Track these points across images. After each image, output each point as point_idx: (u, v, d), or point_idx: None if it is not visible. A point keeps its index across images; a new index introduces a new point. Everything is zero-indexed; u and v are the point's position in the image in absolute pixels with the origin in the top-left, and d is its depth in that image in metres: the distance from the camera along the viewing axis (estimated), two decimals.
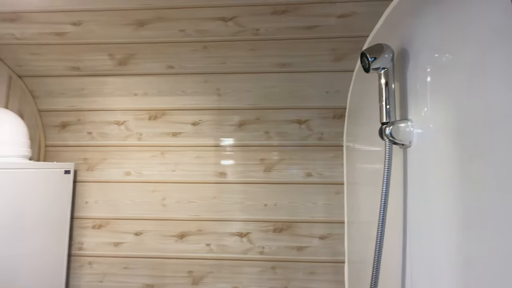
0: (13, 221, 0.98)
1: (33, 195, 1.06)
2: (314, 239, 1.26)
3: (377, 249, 0.76)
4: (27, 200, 1.04)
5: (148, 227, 1.31)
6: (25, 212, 1.03)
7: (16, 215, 0.99)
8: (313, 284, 1.25)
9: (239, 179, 1.30)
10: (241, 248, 1.28)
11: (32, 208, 1.06)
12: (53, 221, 1.16)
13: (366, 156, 1.04)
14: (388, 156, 0.71)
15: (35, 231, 1.08)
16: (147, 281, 1.28)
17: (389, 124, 0.70)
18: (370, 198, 1.02)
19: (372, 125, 0.97)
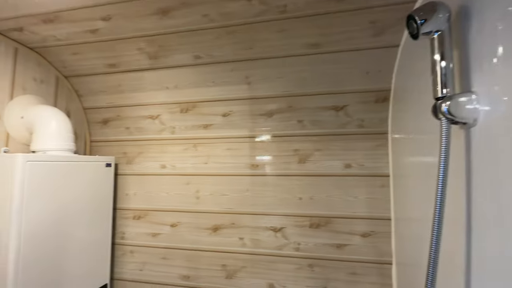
0: (61, 209, 1.05)
1: (78, 186, 1.13)
2: (355, 236, 1.15)
3: (432, 251, 0.64)
4: (73, 190, 1.11)
5: (183, 219, 1.32)
6: (72, 201, 1.10)
7: (64, 204, 1.06)
8: (355, 285, 1.14)
9: (271, 171, 1.24)
10: (276, 244, 1.22)
11: (78, 198, 1.13)
12: (97, 210, 1.23)
13: (417, 143, 0.90)
14: (445, 139, 0.59)
15: (82, 219, 1.15)
16: (184, 272, 1.30)
17: (445, 99, 0.57)
18: (423, 191, 0.88)
19: (424, 107, 0.83)
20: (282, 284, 1.20)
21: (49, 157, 1.02)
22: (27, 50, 1.15)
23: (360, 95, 1.14)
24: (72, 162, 1.11)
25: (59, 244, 1.05)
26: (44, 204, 0.99)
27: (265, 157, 1.25)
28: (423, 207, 0.88)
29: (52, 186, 1.02)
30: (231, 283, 1.25)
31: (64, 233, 1.07)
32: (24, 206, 0.92)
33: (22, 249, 0.92)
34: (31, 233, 0.94)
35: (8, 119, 1.08)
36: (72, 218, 1.11)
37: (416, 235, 0.94)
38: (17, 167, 0.91)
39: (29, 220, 0.94)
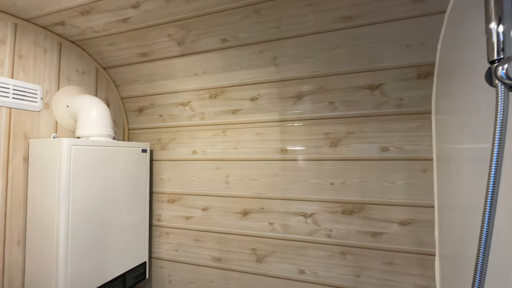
0: (103, 190, 1.14)
1: (117, 169, 1.21)
2: (393, 224, 1.07)
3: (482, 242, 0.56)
4: (113, 173, 1.19)
5: (214, 203, 1.35)
6: (112, 183, 1.18)
7: (105, 185, 1.15)
8: (392, 276, 1.07)
9: (301, 156, 1.20)
10: (306, 230, 1.19)
11: (118, 181, 1.21)
12: (135, 193, 1.31)
13: (467, 123, 0.79)
14: (502, 110, 0.50)
15: (122, 200, 1.23)
16: (215, 254, 1.33)
17: (503, 61, 0.49)
18: (473, 176, 0.78)
19: (475, 80, 0.72)
20: (312, 271, 1.17)
21: (91, 142, 1.10)
22: (69, 43, 1.24)
23: (399, 72, 1.04)
24: (111, 147, 1.18)
25: (102, 223, 1.14)
26: (88, 185, 1.07)
27: (295, 141, 1.21)
28: (472, 193, 0.79)
29: (95, 169, 1.10)
30: (261, 267, 1.25)
31: (106, 213, 1.16)
32: (71, 186, 1.01)
33: (70, 226, 1.01)
34: (77, 211, 1.03)
35: (56, 108, 1.18)
36: (113, 199, 1.19)
37: (464, 224, 0.84)
38: (63, 151, 1.00)
39: (75, 199, 1.02)
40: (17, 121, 1.03)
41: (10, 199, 1.01)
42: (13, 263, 1.01)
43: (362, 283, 1.10)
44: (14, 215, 1.02)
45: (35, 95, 1.09)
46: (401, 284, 1.06)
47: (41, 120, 1.12)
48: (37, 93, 1.10)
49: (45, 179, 1.02)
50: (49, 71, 1.15)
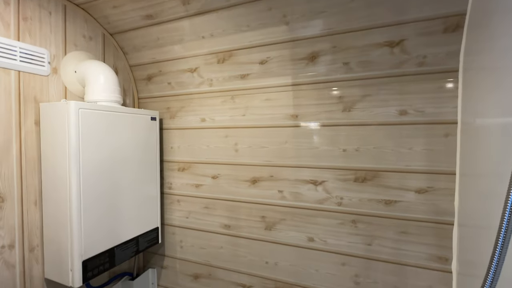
0: (113, 154, 1.15)
1: (127, 135, 1.21)
2: (409, 192, 1.01)
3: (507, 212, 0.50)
4: (123, 139, 1.19)
5: (223, 171, 1.33)
6: (122, 148, 1.19)
7: (115, 149, 1.15)
8: (406, 245, 1.03)
9: (312, 122, 1.14)
10: (316, 198, 1.15)
11: (128, 146, 1.21)
12: (145, 160, 1.32)
13: (500, 82, 0.70)
14: None
15: (132, 166, 1.24)
16: (225, 221, 1.34)
17: None
18: (502, 141, 0.70)
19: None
20: (322, 239, 1.15)
21: (99, 106, 1.09)
22: (74, 6, 1.21)
23: (423, 25, 0.94)
24: (119, 113, 1.18)
25: (113, 187, 1.16)
26: (98, 149, 1.08)
27: (306, 106, 1.15)
28: (499, 160, 0.71)
29: (104, 134, 1.11)
30: (270, 234, 1.25)
31: (117, 178, 1.18)
32: (81, 149, 1.02)
33: (82, 187, 1.03)
34: (88, 174, 1.05)
35: (64, 73, 1.17)
36: (123, 165, 1.20)
37: (488, 192, 0.77)
38: (71, 114, 1.00)
39: (86, 162, 1.04)
40: (27, 84, 1.04)
41: (25, 161, 1.04)
42: (31, 222, 1.05)
43: (373, 252, 1.07)
44: (30, 176, 1.05)
45: (42, 59, 1.08)
46: (414, 254, 1.02)
47: (50, 85, 1.12)
48: (44, 57, 1.09)
49: (56, 141, 1.03)
50: (55, 35, 1.13)
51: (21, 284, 1.02)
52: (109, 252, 1.14)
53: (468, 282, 0.88)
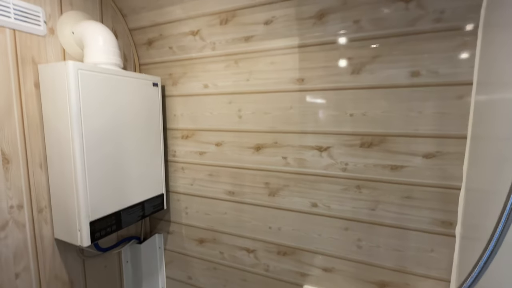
0: (115, 120, 1.13)
1: (129, 101, 1.19)
2: (416, 157, 0.99)
3: None
4: (125, 104, 1.17)
5: (227, 139, 1.32)
6: (124, 114, 1.17)
7: (117, 115, 1.14)
8: (410, 210, 1.02)
9: (318, 85, 1.10)
10: (321, 164, 1.14)
11: (130, 112, 1.20)
12: (148, 128, 1.31)
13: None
14: None
15: (135, 133, 1.23)
16: (229, 188, 1.35)
17: None
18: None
19: None
20: (326, 204, 1.15)
21: (98, 68, 1.06)
22: None
23: None
24: (120, 77, 1.15)
25: (117, 151, 1.15)
26: (100, 112, 1.07)
27: (311, 70, 1.10)
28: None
29: (105, 97, 1.09)
30: (274, 200, 1.25)
31: (120, 143, 1.17)
32: (82, 112, 1.00)
33: (85, 150, 1.03)
34: (90, 136, 1.04)
35: (61, 34, 1.13)
36: (127, 131, 1.19)
37: (499, 157, 0.75)
38: (70, 75, 0.97)
39: (88, 125, 1.02)
40: (23, 44, 1.00)
41: (27, 124, 1.03)
42: (38, 184, 1.07)
43: (376, 217, 1.07)
44: (33, 139, 1.05)
45: (37, 17, 1.04)
46: (418, 218, 1.01)
47: (47, 46, 1.08)
48: (40, 15, 1.04)
49: (57, 104, 1.02)
50: None
51: (32, 244, 1.05)
52: (116, 215, 1.16)
53: (471, 245, 0.88)
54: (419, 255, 1.03)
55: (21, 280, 1.02)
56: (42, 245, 1.09)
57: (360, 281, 1.14)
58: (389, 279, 1.09)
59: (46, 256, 1.10)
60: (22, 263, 1.02)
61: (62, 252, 1.16)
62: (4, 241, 0.97)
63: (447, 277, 1.00)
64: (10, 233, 0.99)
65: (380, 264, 1.09)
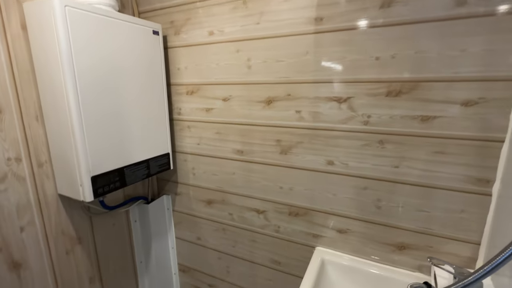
0: (112, 71, 1.03)
1: (126, 48, 1.07)
2: (453, 106, 0.85)
3: None
4: (122, 52, 1.06)
5: (235, 92, 1.20)
6: (122, 65, 1.07)
7: (114, 66, 1.04)
8: (439, 167, 0.91)
9: (339, 25, 0.95)
10: (339, 117, 1.02)
11: (128, 61, 1.09)
12: (150, 82, 1.20)
13: None
14: None
15: (135, 85, 1.14)
16: (237, 147, 1.26)
17: None
18: None
19: None
20: (343, 162, 1.05)
21: (88, 6, 0.94)
22: None
23: None
24: (115, 20, 1.02)
25: (116, 106, 1.07)
26: (94, 59, 0.97)
27: (331, 6, 0.94)
28: None
29: (100, 41, 0.98)
30: (286, 159, 1.16)
31: (120, 98, 1.08)
32: (74, 56, 0.90)
33: (81, 101, 0.94)
34: (87, 88, 0.95)
35: None
36: (126, 84, 1.10)
37: None
38: (56, 12, 0.85)
39: (81, 72, 0.93)
40: None
41: (17, 71, 0.94)
42: (36, 137, 1.01)
43: (399, 175, 0.97)
44: (26, 88, 0.97)
45: None
46: (449, 176, 0.90)
47: None
48: None
49: (45, 47, 0.92)
50: None
51: (35, 198, 1.02)
52: (119, 172, 1.10)
53: (509, 205, 0.77)
54: (446, 216, 0.93)
55: (26, 233, 1.00)
56: (46, 200, 1.05)
57: (377, 243, 1.07)
58: (410, 241, 1.01)
59: (51, 211, 1.07)
60: (26, 217, 1.00)
61: (68, 209, 1.13)
62: (5, 193, 0.94)
63: (477, 239, 0.90)
64: (10, 186, 0.95)
65: (401, 225, 1.01)
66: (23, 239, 0.99)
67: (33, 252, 1.03)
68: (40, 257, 1.05)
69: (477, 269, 0.60)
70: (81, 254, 1.20)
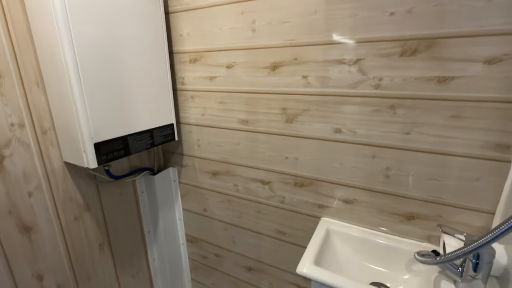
0: (112, 36, 1.00)
1: (123, 13, 1.03)
2: (474, 64, 0.78)
3: None
4: (122, 17, 1.02)
5: (239, 59, 1.15)
6: (119, 29, 1.02)
7: (112, 31, 1.00)
8: (455, 132, 0.85)
9: None
10: (348, 81, 0.96)
11: (126, 27, 1.05)
12: (152, 50, 1.16)
13: None
14: None
15: (136, 54, 1.10)
16: (242, 116, 1.23)
17: None
18: None
19: None
20: (351, 129, 1.00)
21: None
22: None
23: None
24: None
25: (117, 74, 1.04)
26: (90, 22, 0.93)
27: None
28: None
29: (96, 4, 0.93)
30: (291, 128, 1.12)
31: (121, 63, 1.05)
32: (69, 17, 0.87)
33: (80, 67, 0.92)
34: (85, 54, 0.92)
35: None
36: (126, 50, 1.06)
37: None
38: None
39: (78, 35, 0.90)
40: None
41: (14, 35, 0.92)
42: (38, 104, 1.00)
43: (410, 142, 0.92)
44: (24, 53, 0.95)
45: None
46: (465, 142, 0.84)
47: None
48: None
49: (42, 10, 0.88)
50: None
51: (40, 165, 1.03)
52: (122, 140, 1.09)
53: None
54: (459, 185, 0.88)
55: (34, 198, 1.02)
56: (52, 167, 1.06)
57: (384, 213, 1.04)
58: (419, 210, 0.97)
59: (58, 178, 1.09)
60: (33, 183, 1.01)
61: (74, 176, 1.14)
62: (10, 159, 0.95)
63: (491, 209, 0.86)
64: (16, 152, 0.96)
65: (410, 194, 0.97)
66: (31, 204, 1.02)
67: (43, 217, 1.05)
68: (49, 222, 1.08)
69: (488, 232, 0.56)
70: (89, 221, 1.22)
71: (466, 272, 0.76)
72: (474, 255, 0.74)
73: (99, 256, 1.29)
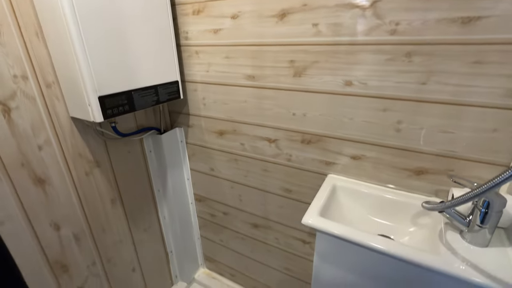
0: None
1: None
2: (504, 1, 0.70)
3: None
4: None
5: (244, 8, 1.08)
6: None
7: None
8: (475, 80, 0.79)
9: None
10: (362, 27, 0.89)
11: None
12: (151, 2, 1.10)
13: None
14: None
15: (135, 7, 1.04)
16: (248, 72, 1.18)
17: None
18: None
19: None
20: (362, 81, 0.96)
21: None
22: None
23: None
24: None
25: (118, 26, 0.99)
26: None
27: None
28: None
29: None
30: (299, 82, 1.08)
31: (119, 9, 1.00)
32: None
33: (80, 19, 0.87)
34: (83, 4, 0.87)
35: None
36: (125, 4, 1.00)
37: None
38: None
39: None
40: None
41: None
42: (39, 56, 0.98)
43: (426, 92, 0.87)
44: (21, 4, 0.91)
45: None
46: (484, 90, 0.79)
47: None
48: None
49: None
50: None
51: (47, 119, 1.03)
52: (127, 94, 1.08)
53: None
54: (474, 136, 0.85)
55: (45, 152, 1.04)
56: (59, 122, 1.07)
57: (392, 168, 1.02)
58: (429, 165, 0.95)
59: (66, 133, 1.10)
60: (42, 136, 1.03)
61: (82, 132, 1.15)
62: (17, 111, 0.95)
63: (507, 161, 0.83)
64: (22, 104, 0.96)
65: (420, 149, 0.94)
66: (42, 157, 1.04)
67: (55, 171, 1.08)
68: (61, 175, 1.11)
69: (499, 173, 0.54)
70: (100, 176, 1.26)
71: (473, 222, 0.75)
72: (484, 204, 0.73)
73: (112, 210, 1.34)
